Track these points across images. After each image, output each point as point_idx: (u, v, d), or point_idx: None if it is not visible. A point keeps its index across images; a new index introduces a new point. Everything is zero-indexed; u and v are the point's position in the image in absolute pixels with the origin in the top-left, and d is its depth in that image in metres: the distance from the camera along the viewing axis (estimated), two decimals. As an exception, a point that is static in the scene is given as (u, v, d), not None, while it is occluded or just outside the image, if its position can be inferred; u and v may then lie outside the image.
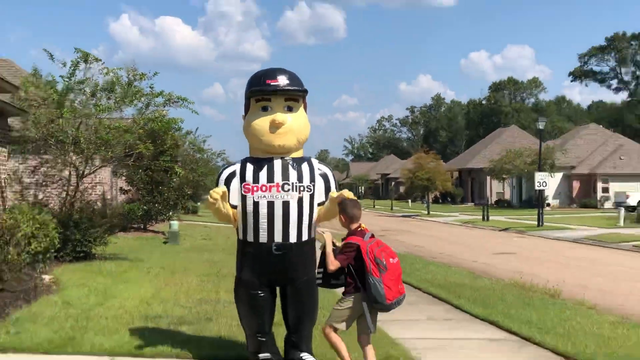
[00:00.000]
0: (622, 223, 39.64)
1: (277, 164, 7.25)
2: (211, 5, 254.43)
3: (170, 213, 27.60)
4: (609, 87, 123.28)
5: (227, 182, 7.35)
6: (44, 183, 17.42)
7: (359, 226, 6.94)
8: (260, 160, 7.33)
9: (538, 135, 48.63)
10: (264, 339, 7.44)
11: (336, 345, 6.70)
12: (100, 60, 16.75)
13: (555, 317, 11.32)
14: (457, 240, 32.98)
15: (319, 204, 7.38)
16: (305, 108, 7.55)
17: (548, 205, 57.05)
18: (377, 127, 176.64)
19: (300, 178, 7.23)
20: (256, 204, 7.19)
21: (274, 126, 7.15)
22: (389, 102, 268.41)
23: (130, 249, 20.05)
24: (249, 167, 7.32)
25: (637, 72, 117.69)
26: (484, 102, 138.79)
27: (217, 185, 7.40)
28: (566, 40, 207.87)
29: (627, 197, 57.04)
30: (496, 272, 19.19)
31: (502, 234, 38.14)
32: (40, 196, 17.36)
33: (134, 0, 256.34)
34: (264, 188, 7.18)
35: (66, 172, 17.20)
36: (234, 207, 7.30)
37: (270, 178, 7.20)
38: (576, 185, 71.33)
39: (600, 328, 10.55)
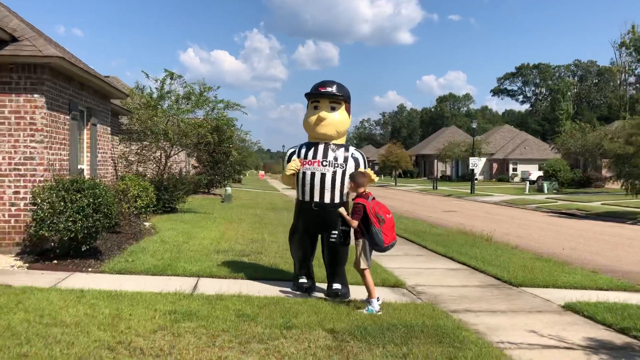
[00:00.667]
0: (527, 191, 39.48)
1: (321, 147, 7.14)
2: (248, 42, 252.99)
3: (226, 182, 27.40)
4: (517, 100, 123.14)
5: (290, 158, 7.33)
6: (142, 160, 17.21)
7: (364, 191, 6.73)
8: (311, 144, 7.26)
9: (470, 132, 48.36)
10: (304, 266, 7.37)
11: (369, 283, 6.45)
12: (181, 76, 16.56)
13: (492, 254, 11.13)
14: (417, 202, 32.82)
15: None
16: (347, 109, 7.34)
17: (476, 179, 56.85)
18: (359, 126, 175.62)
19: (336, 158, 7.06)
20: (304, 174, 7.12)
21: (319, 120, 7.10)
22: (368, 109, 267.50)
23: (199, 206, 19.91)
24: (303, 148, 7.27)
25: (536, 90, 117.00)
26: (432, 109, 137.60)
27: (287, 159, 7.38)
28: (487, 68, 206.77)
29: (530, 174, 56.77)
30: (446, 223, 19.06)
31: (446, 198, 37.97)
32: (140, 169, 17.15)
33: (196, 39, 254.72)
34: (309, 163, 7.09)
35: (158, 154, 17.02)
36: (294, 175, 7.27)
37: (314, 156, 7.10)
38: (495, 166, 71.03)
39: (524, 261, 10.40)
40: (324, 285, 7.39)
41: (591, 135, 43.93)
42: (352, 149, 7.27)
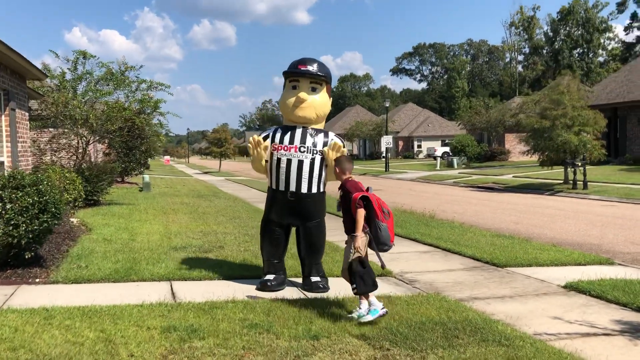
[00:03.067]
0: (438, 167, 40.61)
1: (299, 131, 6.47)
2: (140, 21, 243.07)
3: (142, 169, 25.63)
4: (414, 79, 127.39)
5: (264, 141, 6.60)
6: (56, 149, 15.48)
7: (348, 178, 5.92)
8: (288, 127, 6.56)
9: (373, 112, 48.97)
10: (274, 262, 6.64)
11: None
12: (96, 56, 14.99)
13: (452, 234, 10.89)
14: (336, 183, 32.50)
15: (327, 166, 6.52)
16: (328, 91, 6.68)
17: (383, 157, 57.99)
18: (262, 107, 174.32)
19: (315, 144, 6.43)
20: (279, 160, 6.45)
21: (299, 101, 6.40)
22: (268, 90, 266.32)
23: (119, 196, 18.36)
24: (279, 132, 6.57)
25: (432, 69, 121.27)
26: (334, 89, 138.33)
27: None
28: (382, 48, 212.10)
29: (435, 150, 58.76)
30: (380, 203, 18.79)
31: (363, 177, 38.11)
32: (54, 159, 15.44)
33: (82, 18, 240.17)
34: (285, 148, 6.41)
35: (75, 141, 15.38)
36: (267, 161, 6.54)
37: (292, 141, 6.42)
38: (401, 143, 72.85)
39: (489, 239, 10.20)
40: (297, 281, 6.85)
41: (494, 111, 45.94)
42: (332, 134, 6.64)
